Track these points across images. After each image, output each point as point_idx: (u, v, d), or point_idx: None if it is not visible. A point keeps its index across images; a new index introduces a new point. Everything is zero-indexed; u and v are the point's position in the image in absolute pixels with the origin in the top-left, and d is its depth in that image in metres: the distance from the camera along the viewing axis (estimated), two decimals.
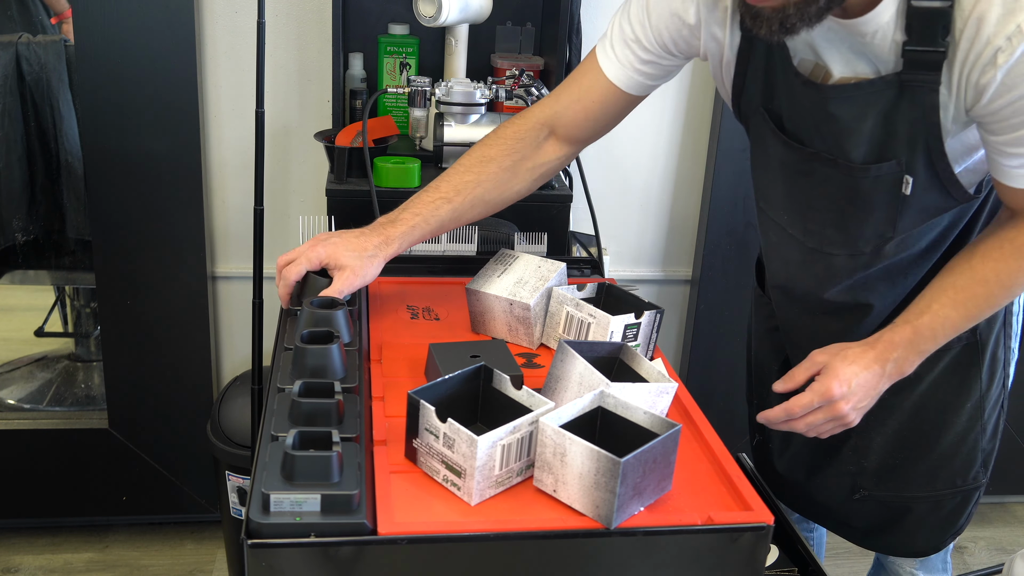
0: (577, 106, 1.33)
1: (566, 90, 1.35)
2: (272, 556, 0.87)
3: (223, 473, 1.97)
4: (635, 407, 0.99)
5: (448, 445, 0.97)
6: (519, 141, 1.35)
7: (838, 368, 1.16)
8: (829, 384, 1.15)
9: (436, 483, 0.99)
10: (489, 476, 0.97)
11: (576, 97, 1.33)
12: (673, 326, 2.44)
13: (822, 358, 1.19)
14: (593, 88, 1.31)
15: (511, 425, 0.96)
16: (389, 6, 1.98)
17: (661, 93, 2.18)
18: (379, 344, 1.28)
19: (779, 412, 1.18)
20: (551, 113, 1.35)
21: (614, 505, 0.91)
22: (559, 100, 1.35)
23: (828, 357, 1.18)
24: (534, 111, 1.37)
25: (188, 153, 2.02)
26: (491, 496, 0.98)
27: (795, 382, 1.20)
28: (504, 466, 0.98)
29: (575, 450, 0.93)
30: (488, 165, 1.34)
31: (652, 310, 1.25)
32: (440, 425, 0.97)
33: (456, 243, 1.59)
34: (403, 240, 1.30)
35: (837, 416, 1.16)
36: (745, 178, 2.20)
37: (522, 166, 1.36)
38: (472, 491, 0.96)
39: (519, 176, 1.36)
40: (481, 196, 1.34)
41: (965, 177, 1.16)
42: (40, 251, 2.35)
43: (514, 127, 1.37)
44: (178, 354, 2.18)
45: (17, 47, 2.11)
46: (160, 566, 2.26)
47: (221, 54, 2.04)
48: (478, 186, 1.33)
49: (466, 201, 1.33)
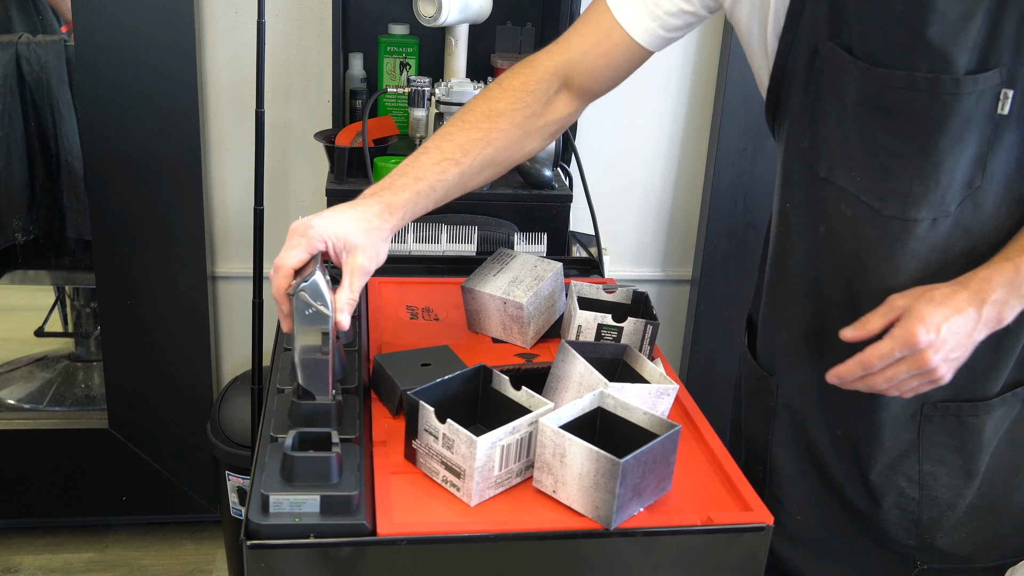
0: (596, 51, 1.16)
1: (579, 34, 1.17)
2: (272, 557, 0.87)
3: (223, 473, 1.97)
4: (635, 407, 0.99)
5: (447, 446, 0.96)
6: (529, 94, 1.17)
7: (923, 310, 0.97)
8: (913, 329, 0.96)
9: (436, 484, 0.99)
10: (488, 477, 0.96)
11: (594, 42, 1.15)
12: (673, 326, 2.44)
13: (902, 301, 1.00)
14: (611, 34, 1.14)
15: (510, 426, 0.96)
16: (389, 6, 1.98)
17: (661, 93, 2.19)
18: (379, 344, 1.28)
19: (853, 365, 1.00)
20: (563, 61, 1.17)
21: (614, 506, 0.91)
22: (571, 45, 1.17)
23: (910, 300, 0.99)
24: (541, 59, 1.19)
25: (188, 153, 2.02)
26: (490, 497, 0.98)
27: (868, 330, 1.01)
28: (503, 467, 0.97)
29: (575, 451, 0.93)
30: (498, 121, 1.15)
31: (640, 319, 1.22)
32: (439, 426, 0.96)
33: (456, 243, 1.58)
34: (407, 211, 1.10)
35: (924, 368, 0.97)
36: (745, 178, 2.21)
37: (534, 123, 1.18)
38: (472, 492, 0.96)
39: (531, 135, 1.18)
40: (491, 157, 1.15)
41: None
42: (40, 251, 2.35)
43: (521, 77, 1.18)
44: (178, 354, 2.18)
45: (17, 47, 2.11)
46: (160, 566, 2.26)
47: (221, 54, 2.04)
48: (488, 145, 1.14)
49: (475, 163, 1.14)
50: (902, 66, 0.98)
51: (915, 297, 1.00)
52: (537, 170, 1.77)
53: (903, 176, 1.02)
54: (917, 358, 0.97)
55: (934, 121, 0.99)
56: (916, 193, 1.03)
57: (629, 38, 1.15)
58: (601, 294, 1.30)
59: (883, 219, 1.05)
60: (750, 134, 2.17)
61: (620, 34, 1.15)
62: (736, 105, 2.14)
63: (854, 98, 1.03)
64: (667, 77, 2.18)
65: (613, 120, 2.19)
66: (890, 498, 1.18)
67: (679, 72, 2.19)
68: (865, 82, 1.01)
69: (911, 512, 1.18)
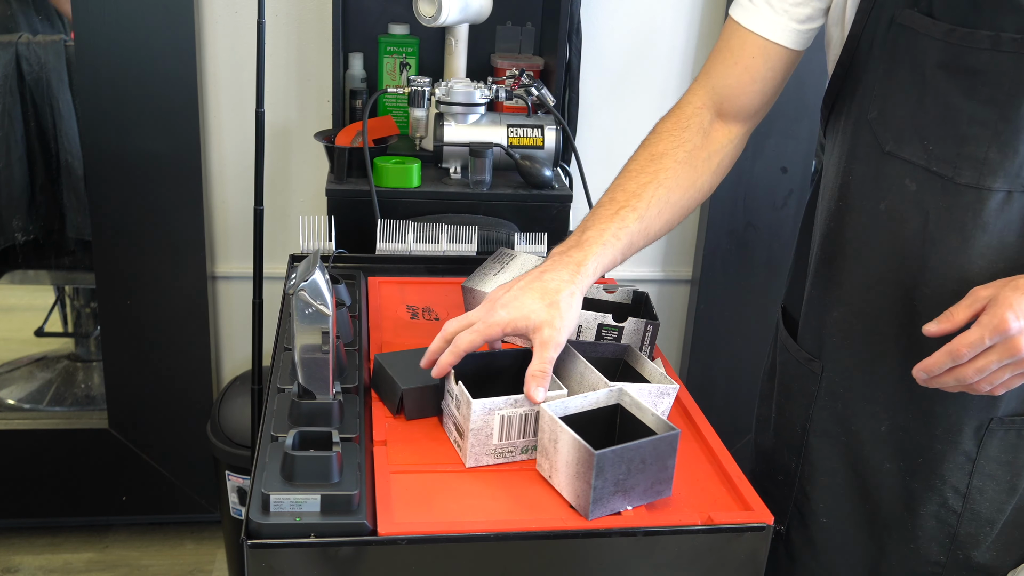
0: (735, 69, 1.17)
1: (716, 61, 1.19)
2: (272, 556, 0.87)
3: (223, 473, 1.97)
4: (646, 408, 1.00)
5: (457, 407, 1.02)
6: (684, 130, 1.19)
7: (1011, 297, 0.93)
8: (1003, 315, 0.92)
9: (436, 483, 0.99)
10: (486, 443, 1.00)
11: (731, 62, 1.17)
12: (673, 326, 2.44)
13: (987, 292, 0.96)
14: (745, 46, 1.16)
15: (512, 397, 1.00)
16: (389, 6, 1.98)
17: (661, 93, 2.19)
18: (379, 344, 1.28)
19: (942, 356, 0.95)
20: (708, 91, 1.20)
21: (590, 497, 0.92)
22: (712, 74, 1.19)
23: (995, 289, 0.96)
24: (688, 97, 1.21)
25: (188, 153, 2.02)
26: (488, 464, 1.02)
27: (954, 322, 0.97)
28: (504, 437, 1.01)
29: (564, 438, 0.95)
30: (662, 161, 1.17)
31: (640, 319, 1.22)
32: (454, 387, 1.02)
33: (456, 243, 1.58)
34: (597, 262, 1.10)
35: (1017, 355, 0.93)
36: (745, 178, 2.21)
37: (697, 156, 1.18)
38: (467, 453, 1.01)
39: (698, 169, 1.19)
40: (665, 198, 1.16)
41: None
42: (40, 251, 2.35)
43: (673, 119, 1.20)
44: (178, 354, 2.18)
45: (17, 47, 2.11)
46: (160, 566, 2.26)
47: (221, 54, 2.04)
48: (659, 187, 1.15)
49: (651, 206, 1.14)
50: (988, 26, 0.96)
51: (1000, 287, 0.96)
52: (537, 170, 1.77)
53: (980, 142, 1.00)
54: (1009, 344, 0.93)
55: (1017, 83, 0.96)
56: (992, 160, 1.00)
57: (764, 41, 1.15)
58: (601, 294, 1.30)
59: (956, 188, 1.02)
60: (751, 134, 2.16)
61: (753, 41, 1.15)
62: None
63: (934, 62, 1.01)
64: (667, 76, 2.18)
65: (613, 119, 2.19)
66: (931, 507, 1.13)
67: (679, 72, 2.19)
68: (947, 44, 0.99)
69: (949, 525, 1.14)
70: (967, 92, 0.99)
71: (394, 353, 1.17)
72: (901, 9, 1.03)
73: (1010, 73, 0.96)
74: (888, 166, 1.07)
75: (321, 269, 0.99)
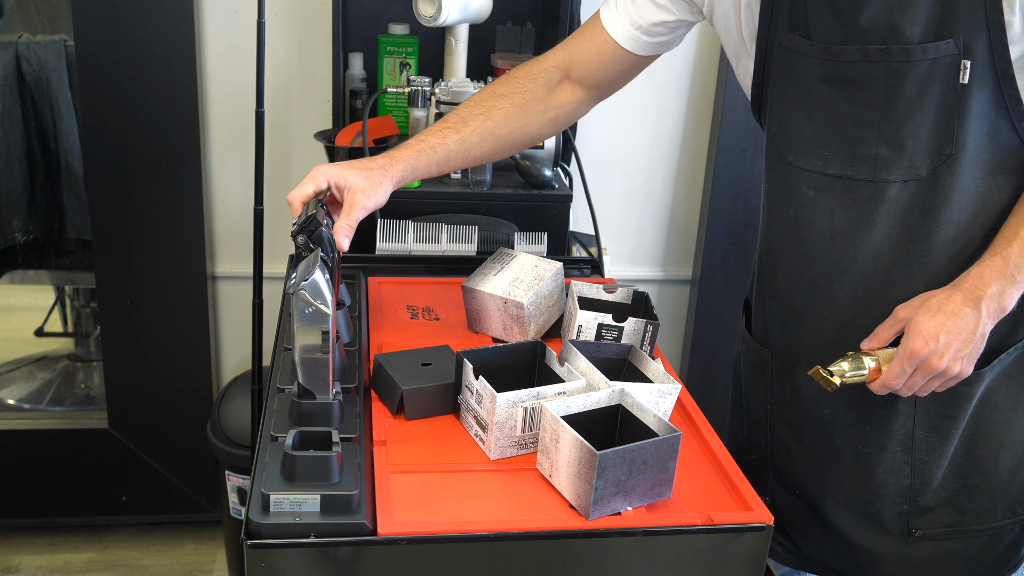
0: (589, 46, 1.31)
1: (579, 34, 1.33)
2: (272, 556, 0.87)
3: (223, 473, 1.97)
4: (647, 409, 1.00)
5: (479, 401, 1.04)
6: (531, 80, 1.33)
7: (920, 324, 1.07)
8: (912, 345, 1.07)
9: (436, 483, 0.99)
10: (510, 435, 1.02)
11: (588, 38, 1.31)
12: (673, 326, 2.44)
13: (905, 313, 1.11)
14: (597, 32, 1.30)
15: (536, 390, 1.02)
16: (389, 6, 1.98)
17: (661, 93, 2.19)
18: (379, 344, 1.28)
19: (879, 388, 1.12)
20: (565, 55, 1.33)
21: (591, 497, 0.93)
22: (572, 43, 1.33)
23: (911, 311, 1.10)
24: (546, 55, 1.35)
25: (188, 153, 2.02)
26: (512, 456, 1.04)
27: (880, 340, 1.13)
28: (527, 429, 1.03)
29: (565, 438, 0.95)
30: (498, 100, 1.32)
31: (640, 319, 1.23)
32: (474, 382, 1.04)
33: (456, 243, 1.58)
34: (408, 163, 1.26)
35: (936, 373, 1.08)
36: (745, 178, 2.21)
37: (534, 106, 1.33)
38: (492, 446, 1.02)
39: (531, 116, 1.33)
40: (491, 130, 1.30)
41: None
42: (40, 251, 2.35)
43: (526, 68, 1.35)
44: (178, 354, 2.18)
45: (17, 47, 2.11)
46: (160, 566, 2.26)
47: (221, 54, 2.04)
48: (488, 119, 1.30)
49: (475, 133, 1.29)
50: (855, 41, 1.10)
51: (915, 308, 1.10)
52: (537, 170, 1.77)
53: (869, 142, 1.12)
54: (926, 366, 1.08)
55: (890, 87, 1.09)
56: (884, 156, 1.12)
57: (609, 37, 1.28)
58: (601, 294, 1.30)
59: (856, 184, 1.15)
60: (750, 134, 2.17)
61: (603, 33, 1.29)
62: (736, 105, 2.14)
63: (816, 77, 1.14)
64: (667, 77, 2.18)
65: (613, 120, 2.19)
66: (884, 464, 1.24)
67: (679, 72, 2.19)
68: (825, 61, 1.12)
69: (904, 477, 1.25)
70: (849, 100, 1.12)
71: (394, 353, 1.17)
72: (784, 33, 1.16)
73: (883, 78, 1.09)
74: (791, 175, 1.20)
75: (321, 269, 0.99)
